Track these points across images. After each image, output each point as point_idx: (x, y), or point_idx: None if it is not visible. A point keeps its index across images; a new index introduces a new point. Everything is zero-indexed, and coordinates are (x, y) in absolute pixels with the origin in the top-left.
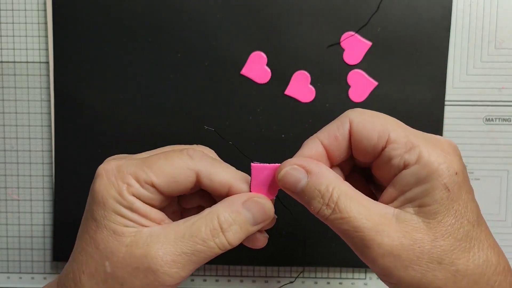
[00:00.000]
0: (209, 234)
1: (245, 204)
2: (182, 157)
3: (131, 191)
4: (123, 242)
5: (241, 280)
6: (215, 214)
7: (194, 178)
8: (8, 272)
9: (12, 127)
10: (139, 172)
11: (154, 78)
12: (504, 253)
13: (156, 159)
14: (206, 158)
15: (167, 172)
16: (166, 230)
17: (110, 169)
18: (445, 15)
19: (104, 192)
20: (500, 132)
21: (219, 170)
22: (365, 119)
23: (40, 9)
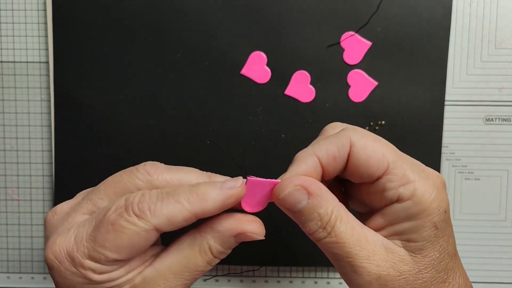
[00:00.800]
0: (206, 264)
1: (237, 237)
2: (131, 222)
3: (100, 272)
4: None
5: (241, 280)
6: (207, 248)
7: (155, 235)
8: (8, 272)
9: (12, 127)
10: (95, 254)
11: (154, 78)
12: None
13: (105, 234)
14: (157, 203)
15: (123, 245)
16: (161, 272)
17: (62, 258)
18: (445, 15)
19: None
20: (500, 132)
21: (176, 210)
22: (366, 144)
23: (40, 9)
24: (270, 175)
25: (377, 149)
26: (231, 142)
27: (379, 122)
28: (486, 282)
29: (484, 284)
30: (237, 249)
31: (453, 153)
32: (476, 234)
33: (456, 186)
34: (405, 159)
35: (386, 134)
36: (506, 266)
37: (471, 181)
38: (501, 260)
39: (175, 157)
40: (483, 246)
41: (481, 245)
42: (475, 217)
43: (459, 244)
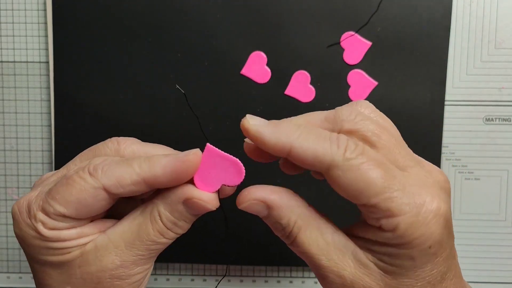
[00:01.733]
0: (158, 235)
1: (185, 203)
2: (83, 177)
3: (49, 227)
4: (73, 265)
5: (241, 280)
6: (157, 214)
7: (103, 194)
8: (8, 272)
9: (12, 126)
10: (46, 206)
11: (154, 78)
12: (504, 253)
13: (58, 187)
14: (110, 165)
15: (71, 199)
16: (113, 240)
17: (22, 209)
18: (445, 15)
19: (26, 236)
20: (500, 132)
21: (126, 172)
22: (349, 177)
23: (40, 9)
24: (270, 174)
25: (361, 177)
26: (231, 142)
27: None
28: (486, 282)
29: (484, 284)
30: (237, 249)
31: (453, 153)
32: (476, 234)
33: (456, 186)
34: (400, 181)
35: None
36: (506, 266)
37: (471, 181)
38: (501, 260)
39: None
40: (483, 246)
41: (481, 245)
42: (475, 217)
43: (459, 244)
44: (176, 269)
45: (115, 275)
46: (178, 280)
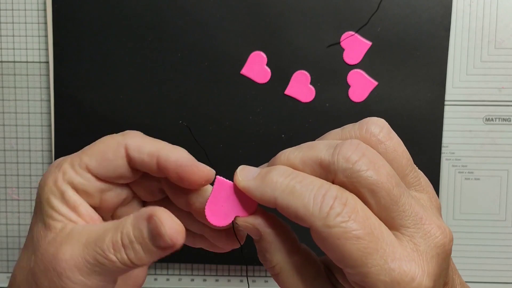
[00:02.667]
0: (111, 247)
1: (150, 220)
2: (113, 136)
3: (66, 178)
4: (47, 238)
5: (241, 280)
6: (121, 225)
7: (123, 152)
8: (8, 272)
9: (12, 126)
10: (74, 158)
11: (154, 78)
12: (504, 253)
13: (91, 145)
14: (139, 135)
15: (97, 152)
16: (83, 231)
17: (56, 161)
18: (445, 15)
19: (43, 183)
20: (500, 132)
21: (148, 142)
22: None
23: (40, 9)
24: None
25: (338, 248)
26: (231, 142)
27: None
28: (486, 282)
29: (484, 284)
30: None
31: (453, 153)
32: (476, 234)
33: (456, 186)
34: (383, 254)
35: None
36: (506, 266)
37: (471, 181)
38: (501, 260)
39: None
40: (483, 246)
41: (481, 245)
42: (475, 217)
43: (459, 244)
44: (176, 269)
45: (56, 269)
46: (178, 280)
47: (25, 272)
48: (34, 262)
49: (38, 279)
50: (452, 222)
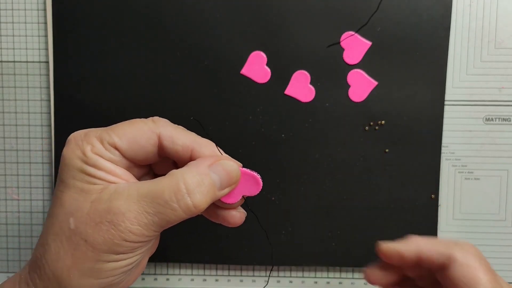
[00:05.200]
0: (173, 196)
1: (211, 167)
2: (145, 122)
3: (95, 151)
4: (88, 198)
5: (241, 280)
6: (180, 176)
7: (156, 140)
8: (8, 271)
9: (12, 126)
10: (103, 134)
11: (154, 78)
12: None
13: (120, 124)
14: (170, 124)
15: (129, 134)
16: (130, 188)
17: (78, 135)
18: (445, 15)
19: (70, 154)
20: (500, 132)
21: (182, 134)
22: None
23: (40, 9)
24: (270, 174)
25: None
26: (231, 142)
27: (379, 122)
28: None
29: None
30: (237, 249)
31: (453, 153)
32: (476, 234)
33: (456, 186)
34: None
35: (386, 134)
36: (506, 266)
37: (471, 181)
38: (501, 260)
39: None
40: (483, 246)
41: (481, 245)
42: (475, 217)
43: None
44: (176, 268)
45: (114, 221)
46: (178, 280)
47: (64, 236)
48: (76, 222)
49: (88, 235)
50: (452, 222)
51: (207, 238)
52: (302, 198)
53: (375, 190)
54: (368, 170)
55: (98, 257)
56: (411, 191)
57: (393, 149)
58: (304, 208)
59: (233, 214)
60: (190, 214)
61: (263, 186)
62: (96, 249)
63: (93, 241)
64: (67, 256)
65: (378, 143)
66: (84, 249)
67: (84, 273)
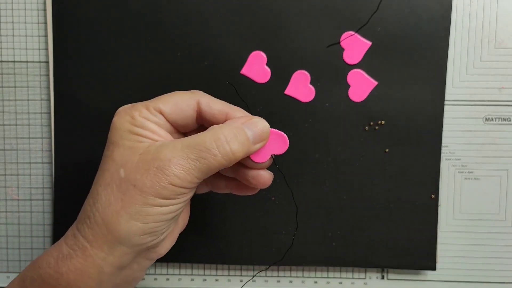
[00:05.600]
0: (213, 143)
1: (245, 123)
2: (185, 92)
3: (142, 115)
4: (137, 152)
5: (240, 280)
6: (219, 129)
7: (195, 105)
8: (8, 271)
9: (11, 126)
10: (148, 102)
11: (154, 78)
12: (504, 253)
13: (164, 95)
14: (206, 94)
15: (172, 101)
16: (174, 141)
17: (127, 106)
18: (445, 15)
19: (120, 120)
20: (500, 132)
21: (217, 101)
22: None
23: (40, 9)
24: None
25: None
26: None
27: (379, 122)
28: (486, 282)
29: (484, 284)
30: (237, 248)
31: (453, 153)
32: (476, 234)
33: (456, 185)
34: None
35: (386, 134)
36: (506, 266)
37: (471, 180)
38: (501, 260)
39: None
40: (483, 246)
41: (481, 245)
42: (475, 217)
43: (459, 244)
44: (176, 268)
45: (161, 166)
46: (178, 280)
47: (115, 184)
48: (126, 172)
49: (137, 181)
50: (452, 222)
51: (207, 238)
52: (302, 198)
53: (375, 190)
54: (368, 170)
55: (145, 200)
56: (411, 191)
57: (393, 149)
58: (304, 208)
59: (262, 173)
60: (228, 160)
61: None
62: (144, 192)
63: (141, 185)
64: (116, 201)
65: (378, 143)
66: (133, 193)
67: (131, 216)
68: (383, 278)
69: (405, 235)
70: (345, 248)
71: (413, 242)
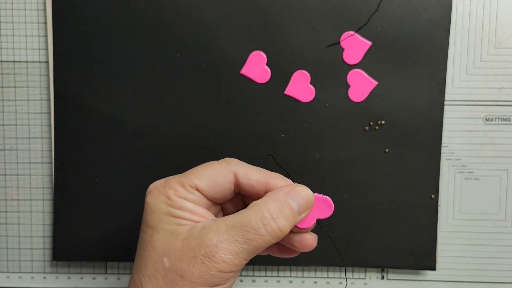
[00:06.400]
0: (259, 223)
1: (288, 194)
2: (220, 163)
3: (178, 194)
4: (179, 237)
5: (240, 280)
6: (263, 205)
7: (232, 178)
8: (8, 271)
9: (11, 126)
10: (183, 178)
11: (153, 78)
12: (504, 252)
13: (197, 168)
14: (242, 162)
15: (208, 176)
16: (217, 222)
17: (159, 183)
18: (445, 15)
19: (155, 200)
20: (500, 132)
21: (255, 170)
22: None
23: (39, 9)
24: None
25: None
26: (231, 142)
27: (379, 122)
28: (486, 282)
29: (484, 284)
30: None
31: (453, 153)
32: (475, 234)
33: (455, 185)
34: None
35: (386, 134)
36: (506, 266)
37: (471, 180)
38: (501, 260)
39: (175, 157)
40: (483, 246)
41: (480, 245)
42: (475, 217)
43: (459, 244)
44: None
45: (208, 253)
46: None
47: (160, 276)
48: (170, 260)
49: (184, 270)
50: (452, 222)
51: None
52: None
53: (375, 190)
54: (368, 170)
55: None
56: (411, 191)
57: (393, 149)
58: None
59: (307, 237)
60: (276, 238)
61: None
62: (193, 283)
63: (189, 275)
64: None
65: (378, 143)
66: (181, 284)
67: None
68: (383, 278)
69: (405, 235)
70: (345, 248)
71: (413, 242)
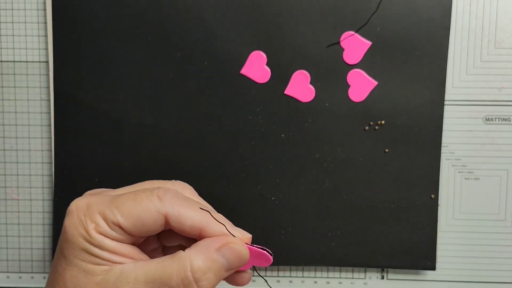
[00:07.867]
0: (180, 284)
1: (220, 250)
2: (151, 199)
3: (99, 230)
4: (93, 280)
5: None
6: (188, 261)
7: (162, 221)
8: (7, 271)
9: (11, 126)
10: (107, 212)
11: (154, 78)
12: (504, 252)
13: (125, 199)
14: (177, 199)
15: (134, 214)
16: (137, 270)
17: (81, 207)
18: (445, 15)
19: (73, 230)
20: (500, 132)
21: (190, 212)
22: None
23: (39, 9)
24: (270, 174)
25: None
26: (231, 142)
27: (379, 122)
28: (486, 282)
29: (484, 284)
30: None
31: (453, 153)
32: (475, 234)
33: (455, 185)
34: None
35: (386, 134)
36: (506, 266)
37: (471, 180)
38: (501, 260)
39: (175, 157)
40: (483, 246)
41: (480, 245)
42: (475, 217)
43: (459, 244)
44: None
45: None
46: None
47: None
48: None
49: None
50: (451, 222)
51: None
52: (302, 198)
53: (375, 190)
54: (368, 170)
55: None
56: (411, 191)
57: (393, 149)
58: (304, 208)
59: (241, 275)
60: None
61: (263, 185)
62: None
63: None
64: None
65: (378, 143)
66: None
67: None
68: (383, 278)
69: (405, 235)
70: (345, 248)
71: (413, 242)
